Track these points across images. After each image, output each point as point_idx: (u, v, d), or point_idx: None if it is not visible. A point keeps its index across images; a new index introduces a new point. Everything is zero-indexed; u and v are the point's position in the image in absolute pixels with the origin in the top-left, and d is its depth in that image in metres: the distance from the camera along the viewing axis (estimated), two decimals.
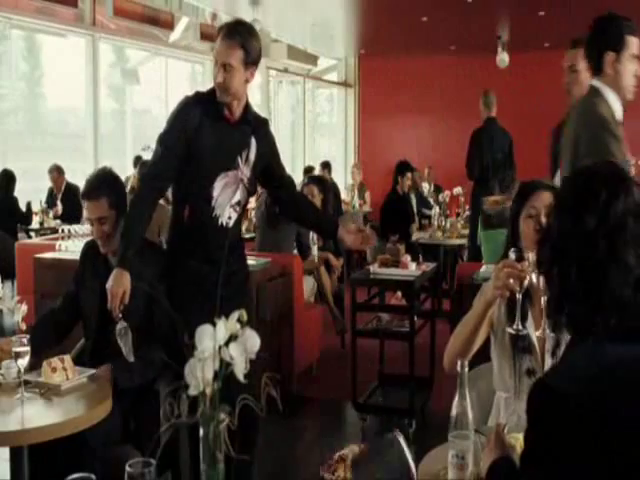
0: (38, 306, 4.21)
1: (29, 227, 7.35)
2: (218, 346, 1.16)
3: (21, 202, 7.28)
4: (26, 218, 7.32)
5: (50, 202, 7.66)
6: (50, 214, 7.48)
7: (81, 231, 4.80)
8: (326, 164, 10.30)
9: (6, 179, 7.11)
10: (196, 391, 1.16)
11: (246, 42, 2.65)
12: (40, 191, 7.81)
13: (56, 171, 7.72)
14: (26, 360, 2.26)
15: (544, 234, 1.36)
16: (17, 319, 2.59)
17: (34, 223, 7.41)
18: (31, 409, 2.24)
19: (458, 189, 7.84)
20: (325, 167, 10.20)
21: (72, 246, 4.58)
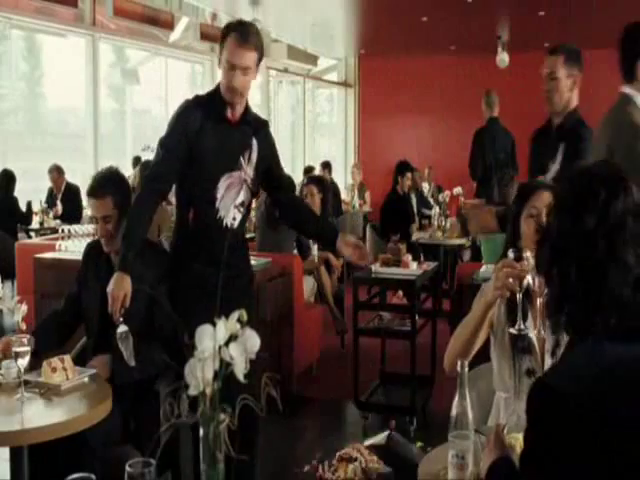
0: (38, 306, 4.21)
1: (29, 227, 7.35)
2: (218, 346, 1.16)
3: (21, 202, 7.27)
4: (26, 218, 7.31)
5: (50, 202, 7.66)
6: (50, 214, 7.48)
7: (81, 231, 4.80)
8: (326, 164, 10.31)
9: (6, 179, 7.10)
10: (196, 391, 1.16)
11: (258, 43, 2.70)
12: (40, 191, 7.81)
13: (56, 171, 7.71)
14: (26, 360, 2.26)
15: (543, 234, 1.36)
16: (17, 319, 2.59)
17: (34, 223, 7.41)
18: (31, 409, 2.24)
19: (458, 189, 7.84)
20: (325, 167, 10.20)
21: (72, 246, 4.58)
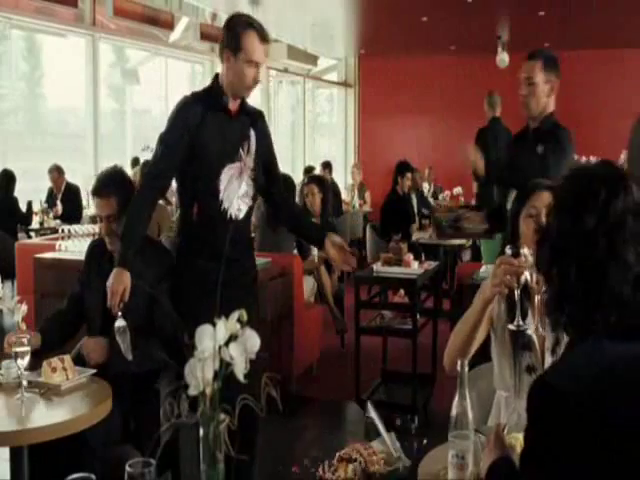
0: (38, 306, 4.21)
1: (29, 227, 7.35)
2: (218, 346, 1.16)
3: (21, 202, 7.27)
4: (26, 218, 7.30)
5: (50, 202, 7.66)
6: (50, 214, 7.48)
7: (81, 231, 4.80)
8: (327, 164, 10.30)
9: (6, 179, 7.09)
10: (196, 391, 1.16)
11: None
12: (40, 191, 7.80)
13: (56, 171, 7.71)
14: (26, 360, 2.26)
15: (543, 234, 1.37)
16: (17, 319, 2.59)
17: (34, 223, 7.40)
18: (31, 409, 2.24)
19: (458, 189, 7.85)
20: (326, 167, 10.20)
21: (72, 246, 4.58)
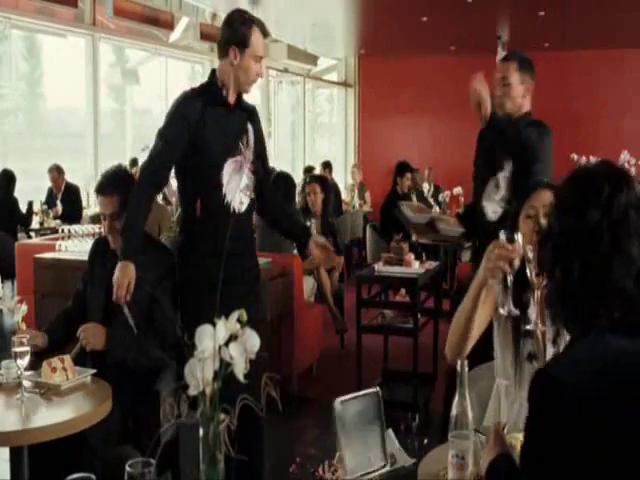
0: (38, 306, 4.21)
1: (29, 227, 7.35)
2: (218, 346, 1.16)
3: (21, 202, 7.26)
4: (26, 219, 7.30)
5: (50, 202, 7.66)
6: (50, 214, 7.47)
7: (81, 231, 4.80)
8: (327, 164, 10.30)
9: (6, 179, 7.08)
10: (196, 391, 1.16)
11: None
12: (40, 191, 7.80)
13: (56, 171, 7.70)
14: (26, 360, 2.26)
15: (545, 235, 1.37)
16: (17, 319, 2.59)
17: (34, 223, 7.40)
18: (31, 409, 2.24)
19: (458, 189, 7.84)
20: (326, 167, 10.20)
21: (72, 246, 4.58)
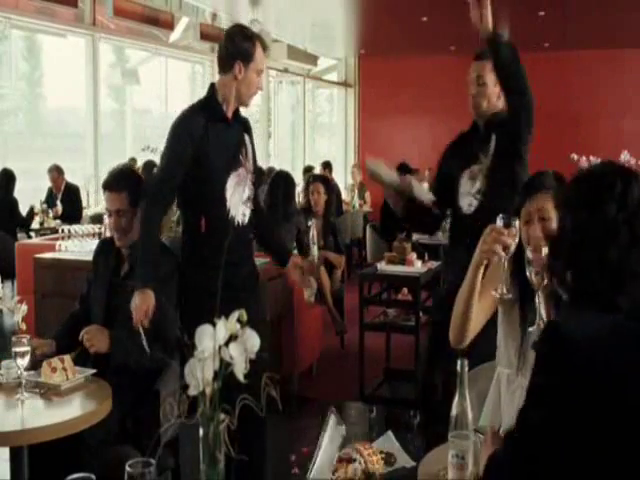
0: (38, 306, 4.21)
1: (29, 228, 7.35)
2: (218, 346, 1.16)
3: (21, 202, 7.26)
4: (26, 221, 7.29)
5: (50, 202, 7.65)
6: (50, 214, 7.47)
7: (81, 231, 4.80)
8: (327, 164, 10.30)
9: (6, 179, 7.08)
10: (196, 391, 1.16)
11: None
12: (40, 191, 7.79)
13: (56, 171, 7.70)
14: (26, 360, 2.26)
15: (556, 238, 1.42)
16: (17, 319, 2.59)
17: (34, 223, 7.40)
18: (31, 409, 2.24)
19: None
20: (326, 167, 10.19)
21: (72, 246, 4.58)
